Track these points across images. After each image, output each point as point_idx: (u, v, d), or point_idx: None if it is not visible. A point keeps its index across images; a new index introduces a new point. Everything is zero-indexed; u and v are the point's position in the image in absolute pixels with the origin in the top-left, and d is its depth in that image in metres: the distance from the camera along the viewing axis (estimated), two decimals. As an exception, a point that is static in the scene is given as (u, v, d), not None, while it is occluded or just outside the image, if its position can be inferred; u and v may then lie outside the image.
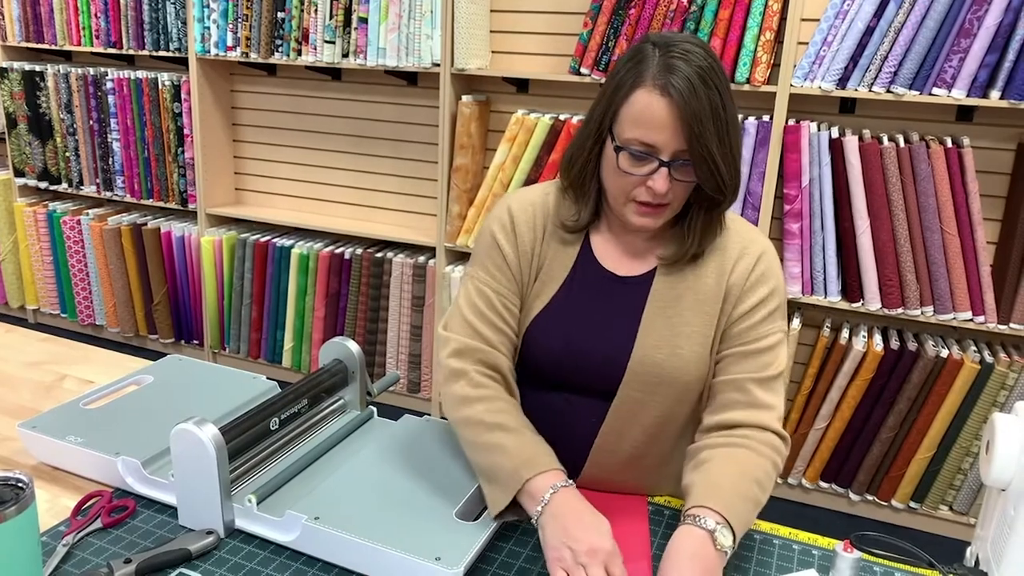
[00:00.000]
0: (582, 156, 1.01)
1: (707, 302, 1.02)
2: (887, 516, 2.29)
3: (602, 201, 1.05)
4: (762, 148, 2.17)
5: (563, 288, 1.05)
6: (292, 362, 2.92)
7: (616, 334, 1.03)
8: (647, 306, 1.02)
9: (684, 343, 1.01)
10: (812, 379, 2.25)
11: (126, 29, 2.87)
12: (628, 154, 0.95)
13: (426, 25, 2.42)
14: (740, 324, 1.01)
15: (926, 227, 2.07)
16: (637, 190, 0.96)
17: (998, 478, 0.81)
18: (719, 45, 2.13)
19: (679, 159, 0.93)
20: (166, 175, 2.98)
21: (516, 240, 1.06)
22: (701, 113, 0.90)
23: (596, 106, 0.99)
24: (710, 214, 1.01)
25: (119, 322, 3.18)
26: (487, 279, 1.06)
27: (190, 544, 0.89)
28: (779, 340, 1.01)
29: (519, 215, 1.07)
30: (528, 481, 0.91)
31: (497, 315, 1.05)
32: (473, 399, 1.00)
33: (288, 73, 2.90)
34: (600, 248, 1.07)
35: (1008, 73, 1.93)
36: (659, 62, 0.92)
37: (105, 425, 1.10)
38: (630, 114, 0.94)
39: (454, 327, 1.06)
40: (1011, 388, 2.06)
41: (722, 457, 0.94)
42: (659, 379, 1.01)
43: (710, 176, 0.94)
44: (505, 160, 2.42)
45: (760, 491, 0.92)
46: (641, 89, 0.92)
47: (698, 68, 0.91)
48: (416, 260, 2.66)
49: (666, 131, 0.92)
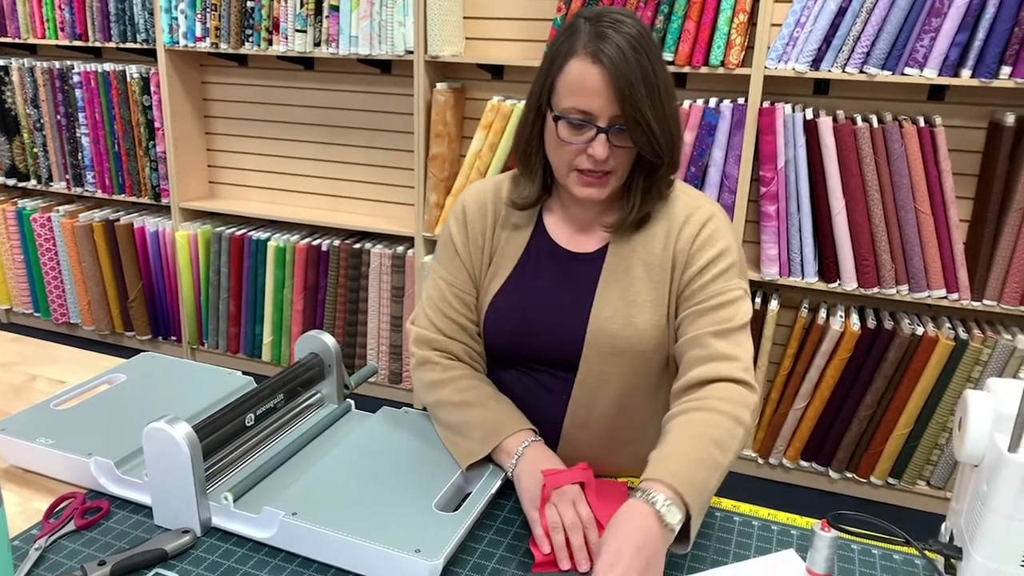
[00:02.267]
0: (526, 133, 1.05)
1: (656, 270, 1.04)
2: (866, 493, 2.32)
3: (550, 178, 1.08)
4: (737, 131, 2.17)
5: (517, 268, 1.09)
6: (272, 356, 2.90)
7: (571, 308, 1.05)
8: (600, 279, 1.05)
9: (637, 312, 1.03)
10: (791, 359, 2.27)
11: (92, 21, 2.82)
12: (567, 123, 0.98)
13: (398, 12, 2.39)
14: (692, 286, 1.02)
15: (900, 206, 2.08)
16: (579, 159, 0.99)
17: (971, 454, 0.82)
18: (693, 28, 2.13)
19: (615, 124, 0.96)
20: (138, 169, 2.93)
21: (467, 230, 1.11)
22: (632, 78, 0.93)
23: (535, 83, 1.02)
24: (650, 179, 1.03)
25: (94, 320, 3.14)
26: (442, 271, 1.13)
27: (166, 544, 0.88)
28: (737, 296, 1.00)
29: (471, 204, 1.12)
30: (501, 443, 1.00)
31: (449, 305, 1.11)
32: (439, 383, 1.08)
33: (259, 63, 2.86)
34: (553, 226, 1.10)
35: (978, 51, 1.94)
36: (590, 31, 0.95)
37: (77, 426, 1.08)
38: (566, 84, 0.97)
39: (417, 320, 1.14)
40: (985, 363, 2.09)
41: (679, 425, 0.93)
42: (616, 349, 1.04)
43: (646, 140, 0.97)
44: (482, 148, 2.41)
45: (720, 452, 0.90)
46: (574, 59, 0.96)
47: (627, 35, 0.94)
48: (394, 250, 2.64)
49: (600, 97, 0.94)
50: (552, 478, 0.94)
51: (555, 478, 0.94)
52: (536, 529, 0.92)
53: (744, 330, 1.00)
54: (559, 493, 0.93)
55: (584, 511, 0.92)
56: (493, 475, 1.01)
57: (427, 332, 1.11)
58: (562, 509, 0.91)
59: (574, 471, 0.96)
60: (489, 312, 1.10)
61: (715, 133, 2.18)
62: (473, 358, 1.12)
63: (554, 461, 0.99)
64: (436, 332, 1.11)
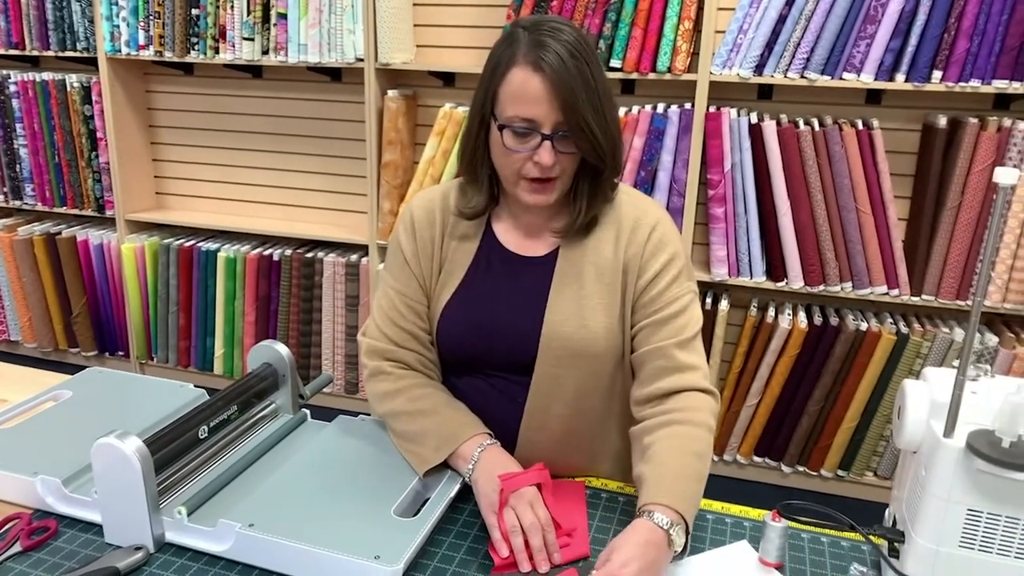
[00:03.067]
0: (471, 143, 1.05)
1: (607, 273, 1.06)
2: (817, 485, 2.39)
3: (497, 187, 1.09)
4: (685, 135, 2.22)
5: (468, 275, 1.10)
6: (224, 369, 2.85)
7: (525, 312, 1.06)
8: (552, 283, 1.07)
9: (590, 315, 1.05)
10: (742, 358, 2.32)
11: (28, 29, 2.73)
12: (511, 131, 0.99)
13: (348, 20, 2.38)
14: (648, 294, 1.05)
15: (842, 206, 2.15)
16: (526, 167, 1.00)
17: (909, 441, 0.86)
18: (640, 35, 2.17)
19: (559, 131, 0.98)
20: (79, 181, 2.85)
21: (416, 238, 1.11)
22: (573, 84, 0.95)
23: (477, 92, 1.03)
24: (595, 183, 1.05)
25: (36, 337, 3.03)
26: (392, 281, 1.13)
27: (118, 562, 0.86)
28: (690, 300, 1.06)
29: (419, 212, 1.12)
30: (457, 449, 1.00)
31: (400, 315, 1.11)
32: (392, 393, 1.08)
33: (206, 72, 2.81)
34: (503, 233, 1.11)
35: (911, 57, 2.02)
36: (529, 40, 0.97)
37: (21, 444, 1.05)
38: (508, 93, 0.98)
39: (368, 331, 1.14)
40: (925, 356, 2.17)
41: (663, 440, 0.97)
42: (570, 352, 1.05)
43: (589, 145, 0.99)
44: (435, 154, 2.41)
45: (702, 465, 0.97)
46: (515, 68, 0.97)
47: (566, 43, 0.96)
48: (348, 259, 2.62)
49: (543, 104, 0.96)
50: (509, 482, 0.95)
51: (511, 482, 0.95)
52: (494, 534, 0.93)
53: (699, 336, 1.06)
54: (517, 496, 0.94)
55: (542, 513, 0.93)
56: (451, 480, 1.01)
57: (378, 343, 1.11)
58: (520, 512, 0.92)
59: (531, 473, 0.97)
60: (442, 320, 1.10)
61: (663, 138, 2.22)
62: (426, 366, 1.12)
63: (510, 464, 1.00)
64: (387, 342, 1.11)
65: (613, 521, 1.01)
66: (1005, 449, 0.77)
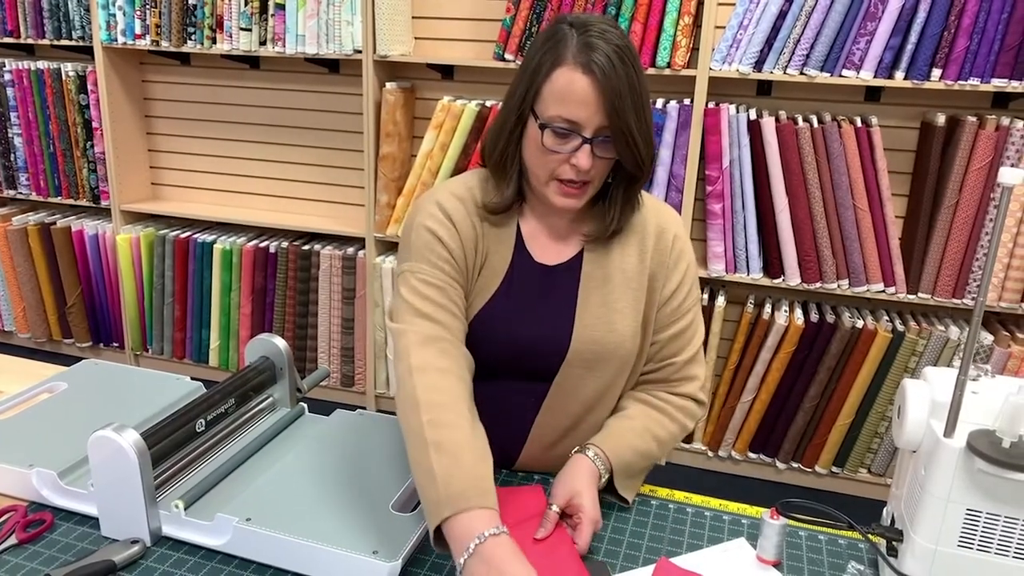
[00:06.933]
0: (503, 138, 1.02)
1: (633, 279, 1.06)
2: (812, 482, 2.40)
3: (524, 185, 1.06)
4: (684, 131, 2.21)
5: (503, 284, 1.06)
6: (219, 361, 2.84)
7: (555, 321, 1.05)
8: (580, 289, 1.06)
9: (618, 319, 1.05)
10: (738, 354, 2.33)
11: (24, 17, 2.71)
12: (552, 131, 0.96)
13: (346, 11, 2.37)
14: (670, 304, 1.08)
15: (840, 204, 2.15)
16: (561, 168, 0.98)
17: (909, 440, 0.86)
18: (639, 30, 2.16)
19: (600, 135, 0.96)
20: (75, 171, 2.83)
21: (459, 234, 1.03)
22: (621, 89, 0.93)
23: (515, 87, 1.00)
24: (629, 190, 1.04)
25: (30, 327, 3.02)
26: (433, 271, 1.01)
27: (114, 555, 0.86)
28: (698, 310, 1.12)
29: (452, 210, 1.04)
30: (448, 519, 0.82)
31: (452, 302, 1.01)
32: (423, 406, 0.91)
33: (203, 62, 2.79)
34: (529, 237, 1.08)
35: (911, 54, 2.02)
36: (578, 41, 0.94)
37: (16, 436, 1.04)
38: (553, 92, 0.95)
39: (407, 319, 0.98)
40: (921, 354, 2.18)
41: (639, 417, 1.07)
42: (598, 356, 1.05)
43: (629, 152, 0.97)
44: (433, 148, 2.40)
45: (658, 450, 1.06)
46: (563, 67, 0.94)
47: (615, 47, 0.94)
48: (345, 251, 2.61)
49: (588, 107, 0.94)
50: None
51: None
52: None
53: (702, 346, 1.13)
54: None
55: None
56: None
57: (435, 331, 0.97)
58: None
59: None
60: (475, 325, 1.05)
61: (662, 133, 2.22)
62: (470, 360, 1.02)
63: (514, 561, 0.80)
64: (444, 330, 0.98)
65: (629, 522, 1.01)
66: (1005, 449, 0.77)
